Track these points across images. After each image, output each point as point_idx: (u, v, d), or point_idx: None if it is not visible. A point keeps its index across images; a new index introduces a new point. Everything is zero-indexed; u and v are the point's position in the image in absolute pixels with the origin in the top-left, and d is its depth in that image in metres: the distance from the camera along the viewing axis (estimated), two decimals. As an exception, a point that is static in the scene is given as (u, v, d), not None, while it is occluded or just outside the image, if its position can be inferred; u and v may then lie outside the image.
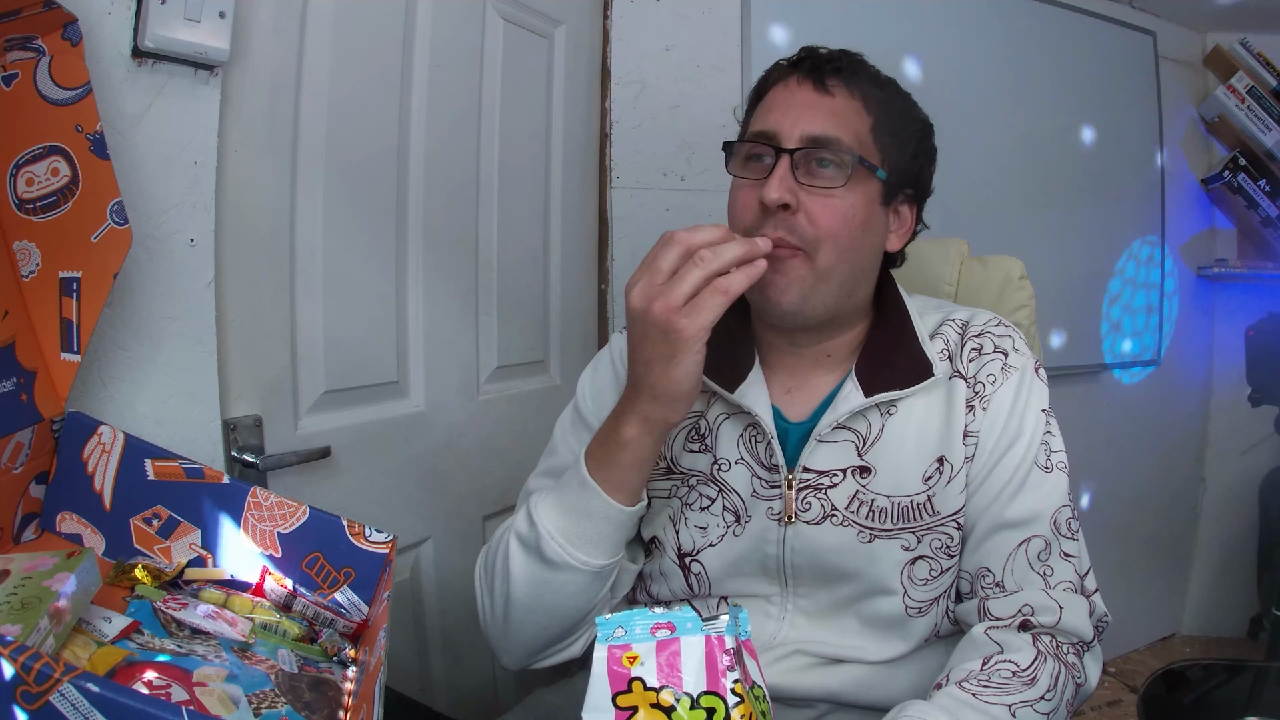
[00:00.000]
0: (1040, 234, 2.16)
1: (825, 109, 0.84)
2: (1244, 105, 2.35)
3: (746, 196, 0.85)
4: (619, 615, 0.61)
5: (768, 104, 0.88)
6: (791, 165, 0.82)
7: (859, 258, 0.86)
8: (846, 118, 0.84)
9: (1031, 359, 0.89)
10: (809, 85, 0.85)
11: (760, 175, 0.84)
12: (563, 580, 0.82)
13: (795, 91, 0.86)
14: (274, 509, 0.78)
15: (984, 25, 2.04)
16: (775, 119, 0.85)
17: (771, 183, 0.81)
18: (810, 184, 0.82)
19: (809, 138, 0.82)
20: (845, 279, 0.85)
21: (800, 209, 0.81)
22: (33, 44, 0.72)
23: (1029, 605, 0.80)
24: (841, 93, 0.85)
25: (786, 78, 0.88)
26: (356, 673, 0.71)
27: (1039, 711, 0.74)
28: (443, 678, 1.34)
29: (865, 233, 0.85)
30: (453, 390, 1.32)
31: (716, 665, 0.55)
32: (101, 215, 0.74)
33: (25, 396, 0.73)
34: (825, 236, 0.82)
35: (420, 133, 1.22)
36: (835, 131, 0.83)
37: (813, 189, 0.82)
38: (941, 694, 0.74)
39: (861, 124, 0.85)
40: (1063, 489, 0.85)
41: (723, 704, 0.52)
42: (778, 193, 0.80)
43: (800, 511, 0.87)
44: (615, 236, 1.66)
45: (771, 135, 0.84)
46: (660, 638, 0.59)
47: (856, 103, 0.85)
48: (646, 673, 0.58)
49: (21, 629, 0.53)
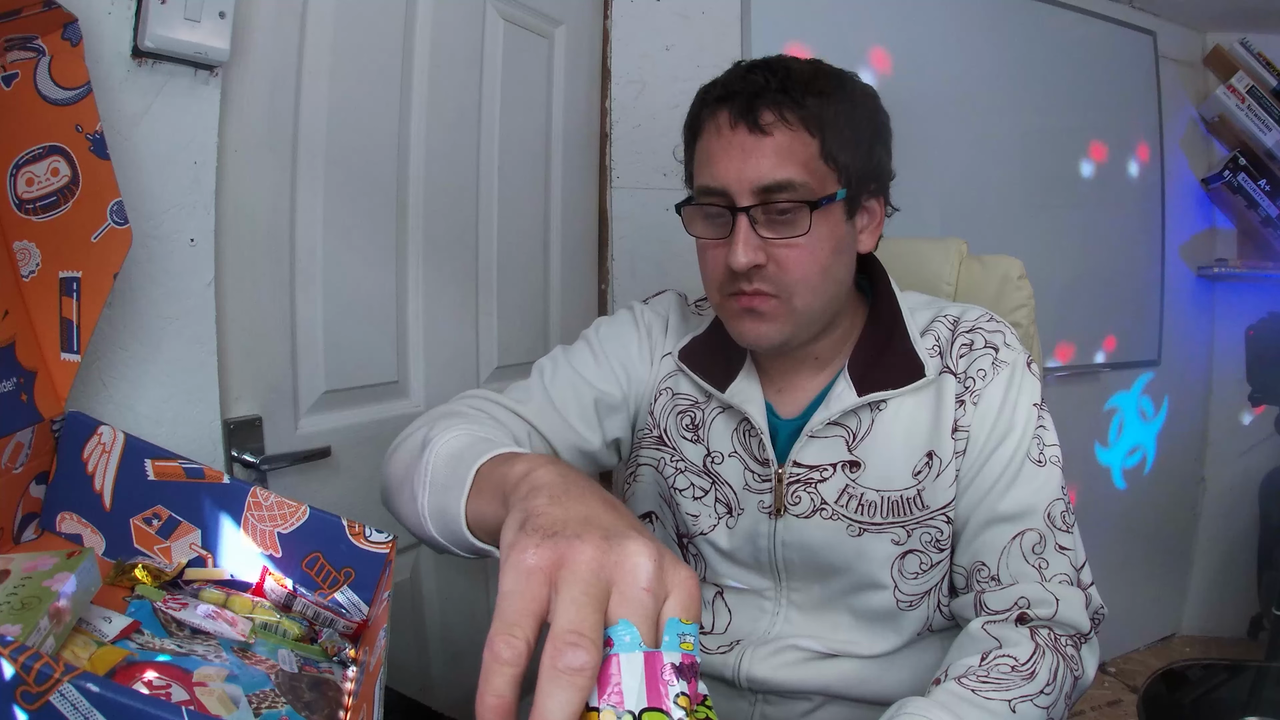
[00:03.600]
0: (1040, 234, 2.16)
1: (768, 151, 0.80)
2: (1244, 105, 2.35)
3: (715, 257, 0.85)
4: None
5: (707, 152, 0.84)
6: (750, 221, 0.81)
7: (833, 285, 0.86)
8: (791, 152, 0.80)
9: (1023, 354, 0.89)
10: (743, 128, 0.81)
11: (722, 234, 0.83)
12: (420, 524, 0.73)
13: (731, 138, 0.81)
14: (274, 509, 0.78)
15: (984, 25, 2.04)
16: (720, 173, 0.81)
17: (736, 248, 0.80)
18: (773, 236, 0.81)
19: (759, 189, 0.80)
20: (823, 307, 0.86)
21: (770, 260, 0.82)
22: (33, 44, 0.72)
23: (1025, 598, 0.81)
24: (779, 128, 0.80)
25: (716, 116, 0.83)
26: (356, 673, 0.71)
27: (1039, 706, 0.74)
28: (443, 678, 1.34)
29: (835, 259, 0.85)
30: (453, 390, 1.31)
31: (658, 680, 0.53)
32: (101, 215, 0.74)
33: (25, 396, 0.73)
34: (798, 281, 0.82)
35: (420, 133, 1.22)
36: (784, 174, 0.80)
37: (779, 242, 0.81)
38: (940, 690, 0.75)
39: (808, 151, 0.81)
40: (1056, 482, 0.85)
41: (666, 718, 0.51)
42: (746, 257, 0.80)
43: (790, 505, 0.89)
44: (615, 236, 1.66)
45: (721, 192, 0.82)
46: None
47: (797, 131, 0.81)
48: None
49: (21, 629, 0.53)
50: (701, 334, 0.97)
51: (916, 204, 0.96)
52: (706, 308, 1.03)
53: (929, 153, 1.93)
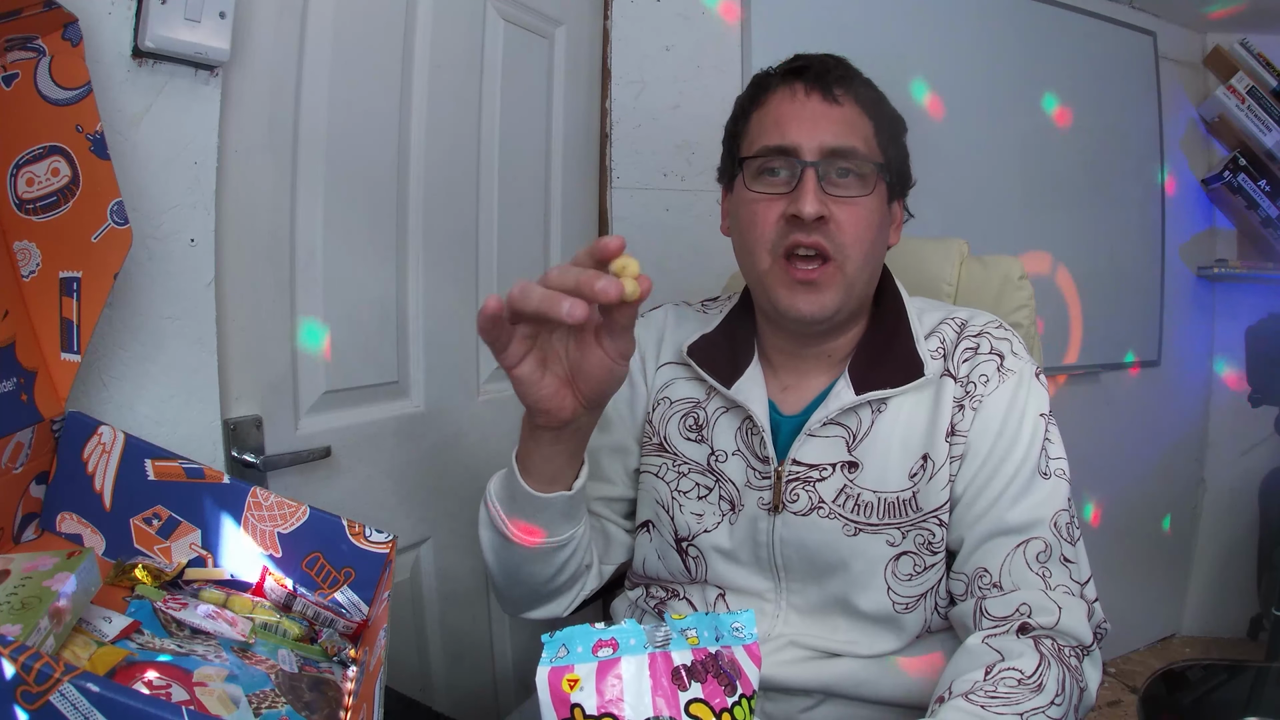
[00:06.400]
0: (1040, 234, 2.16)
1: (838, 119, 0.86)
2: (1244, 105, 2.35)
3: (767, 210, 0.86)
4: (562, 633, 0.57)
5: (774, 116, 0.88)
6: (818, 177, 0.84)
7: (876, 259, 0.90)
8: (857, 126, 0.86)
9: (1031, 363, 0.89)
10: (817, 96, 0.86)
11: (780, 189, 0.86)
12: (515, 551, 0.85)
13: (804, 103, 0.86)
14: (274, 509, 0.78)
15: (984, 25, 2.04)
16: (793, 133, 0.86)
17: (806, 196, 0.83)
18: (836, 195, 0.85)
19: (829, 149, 0.85)
20: (866, 282, 0.89)
21: (830, 219, 0.84)
22: (33, 44, 0.72)
23: (1027, 605, 0.79)
24: (848, 101, 0.87)
25: (789, 86, 0.88)
26: (356, 673, 0.71)
27: (1051, 718, 0.71)
28: (443, 678, 1.34)
29: (880, 236, 0.89)
30: (453, 390, 1.32)
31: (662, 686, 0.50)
32: (102, 215, 0.74)
33: (25, 396, 0.73)
34: (853, 243, 0.85)
35: (420, 133, 1.22)
36: (852, 141, 0.85)
37: (840, 199, 0.85)
38: (948, 709, 0.71)
39: (868, 130, 0.87)
40: (1062, 495, 0.85)
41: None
42: (813, 206, 0.83)
43: (788, 502, 0.89)
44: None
45: (791, 149, 0.85)
46: (602, 657, 0.55)
47: (860, 110, 0.87)
48: (585, 698, 0.53)
49: (21, 629, 0.53)
50: (711, 332, 0.98)
51: (917, 204, 0.97)
52: (714, 306, 1.04)
53: (929, 153, 1.91)
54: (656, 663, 0.53)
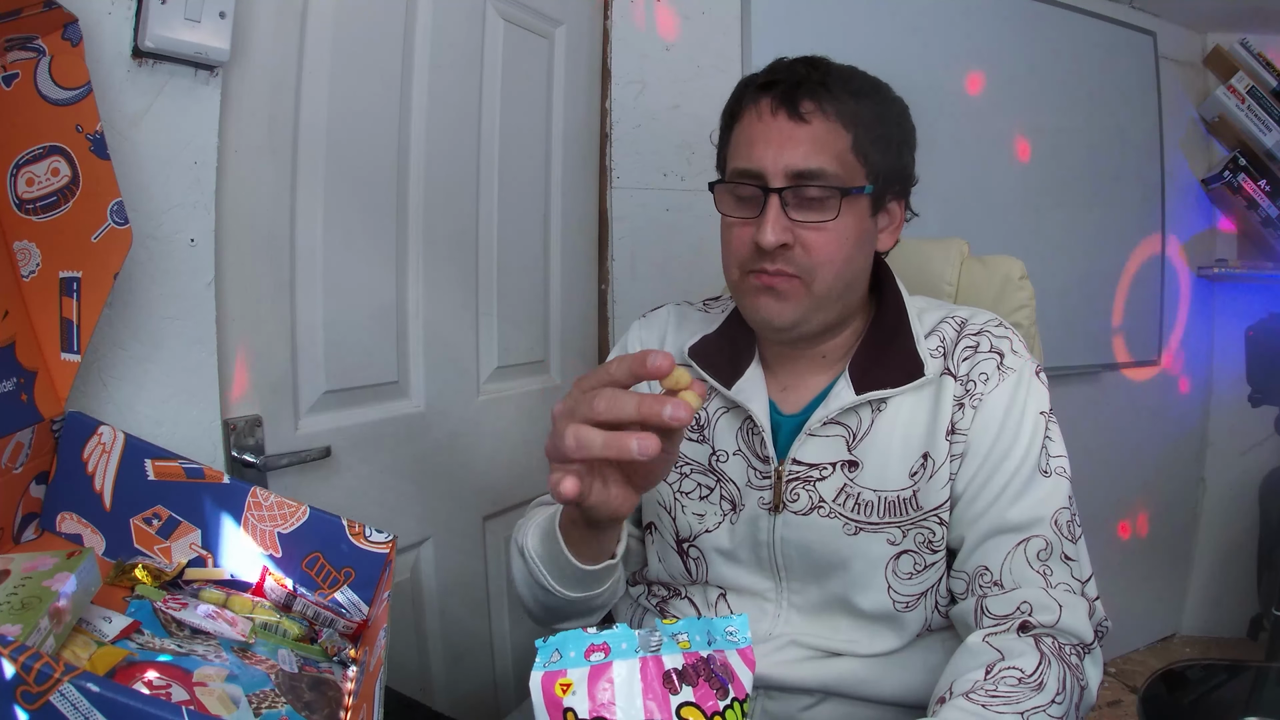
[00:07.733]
0: (1040, 234, 2.16)
1: (804, 139, 0.83)
2: (1244, 105, 2.35)
3: (740, 232, 0.86)
4: (556, 638, 0.57)
5: (745, 136, 0.87)
6: (781, 203, 0.83)
7: (852, 274, 0.88)
8: (826, 143, 0.83)
9: (1031, 362, 0.89)
10: (784, 115, 0.84)
11: (751, 214, 0.85)
12: (561, 600, 0.85)
13: (770, 124, 0.84)
14: (274, 509, 0.78)
15: (984, 25, 2.04)
16: (757, 155, 0.84)
17: (765, 226, 0.82)
18: (802, 219, 0.84)
19: (793, 173, 0.83)
20: (840, 296, 0.88)
21: (795, 243, 0.84)
22: (33, 44, 0.72)
23: (1027, 603, 0.79)
24: (817, 118, 0.84)
25: (758, 103, 0.86)
26: (356, 673, 0.71)
27: (1052, 716, 0.71)
28: (443, 678, 1.34)
29: (858, 250, 0.87)
30: (453, 390, 1.32)
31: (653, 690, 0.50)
32: (102, 215, 0.74)
33: (25, 396, 0.73)
34: (821, 264, 0.84)
35: (420, 133, 1.22)
36: (818, 162, 0.83)
37: (805, 224, 0.84)
38: (950, 708, 0.71)
39: (841, 144, 0.84)
40: (1063, 493, 0.85)
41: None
42: (774, 235, 0.82)
43: (789, 501, 0.89)
44: (615, 236, 1.66)
45: (756, 174, 0.84)
46: (595, 661, 0.55)
47: (833, 123, 0.84)
48: (578, 703, 0.54)
49: (21, 629, 0.53)
50: (713, 332, 0.98)
51: (917, 204, 0.97)
52: (716, 306, 1.05)
53: (929, 153, 1.91)
54: (648, 667, 0.53)
